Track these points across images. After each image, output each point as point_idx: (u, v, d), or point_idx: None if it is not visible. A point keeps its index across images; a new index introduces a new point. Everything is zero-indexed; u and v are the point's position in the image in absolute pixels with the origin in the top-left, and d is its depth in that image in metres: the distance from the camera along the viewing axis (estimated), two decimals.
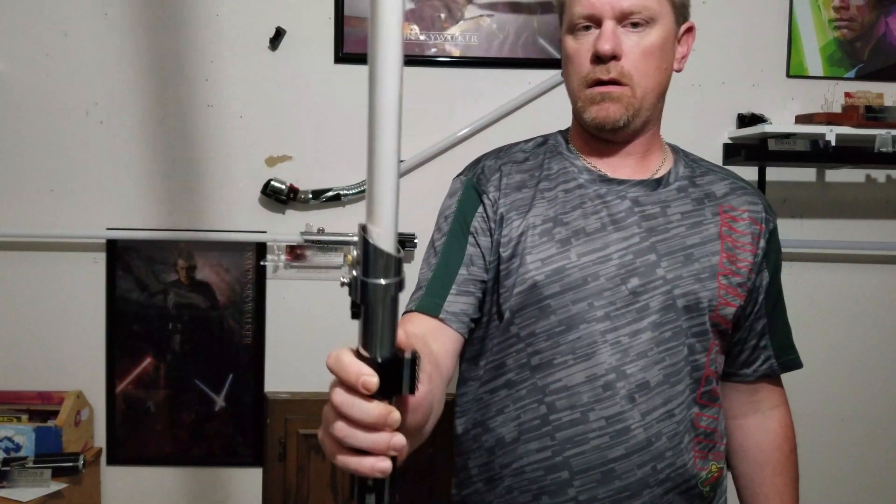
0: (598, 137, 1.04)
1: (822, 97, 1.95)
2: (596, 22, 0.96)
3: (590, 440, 0.96)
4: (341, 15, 1.88)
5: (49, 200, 1.87)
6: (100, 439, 1.89)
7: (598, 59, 0.96)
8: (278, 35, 1.86)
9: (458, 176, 1.09)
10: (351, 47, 1.89)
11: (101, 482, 1.88)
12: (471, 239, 1.01)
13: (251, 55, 1.88)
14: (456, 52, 1.91)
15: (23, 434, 1.73)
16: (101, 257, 1.88)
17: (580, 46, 0.98)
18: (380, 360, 0.50)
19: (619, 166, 1.04)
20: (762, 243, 1.05)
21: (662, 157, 1.07)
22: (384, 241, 0.52)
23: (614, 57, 0.95)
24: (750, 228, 1.04)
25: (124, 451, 1.89)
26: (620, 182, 1.02)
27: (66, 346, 1.88)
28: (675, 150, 1.11)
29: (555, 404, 0.96)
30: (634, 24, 0.96)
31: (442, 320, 0.96)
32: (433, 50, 1.91)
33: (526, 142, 1.11)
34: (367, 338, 0.51)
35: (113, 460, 1.89)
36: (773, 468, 1.11)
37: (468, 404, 1.07)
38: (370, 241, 0.51)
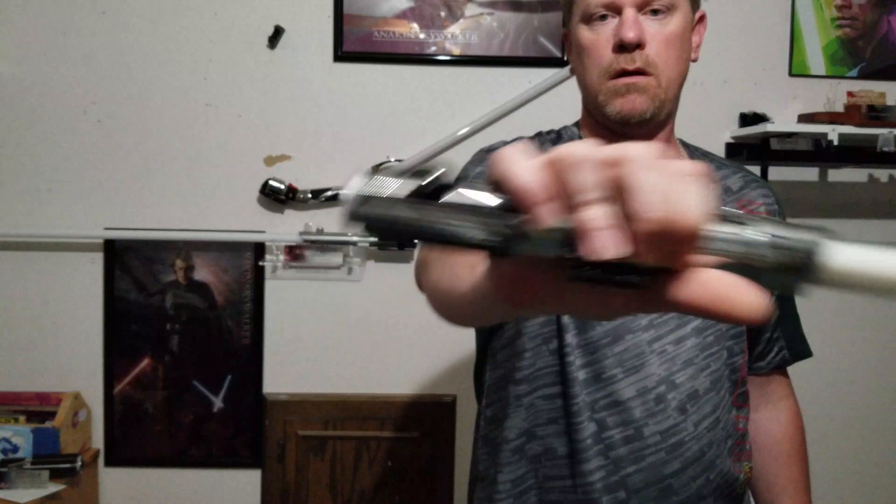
0: (618, 132, 0.98)
1: (824, 96, 1.94)
2: (615, 10, 0.92)
3: (646, 457, 0.92)
4: (340, 13, 1.87)
5: (46, 200, 1.86)
6: (98, 440, 1.88)
7: (622, 48, 0.91)
8: (277, 34, 1.85)
9: (487, 146, 1.02)
10: (350, 46, 1.88)
11: (98, 483, 1.88)
12: None
13: (250, 54, 1.87)
14: (456, 51, 1.90)
15: (20, 435, 1.72)
16: (99, 257, 1.87)
17: (598, 36, 0.93)
18: None
19: None
20: None
21: (678, 152, 1.04)
22: None
23: (639, 46, 0.91)
24: None
25: (122, 452, 1.89)
26: None
27: (63, 346, 1.88)
28: (685, 144, 1.09)
29: (605, 421, 0.92)
30: (654, 11, 0.92)
31: None
32: (433, 49, 1.89)
33: (538, 136, 1.05)
34: None
35: (111, 461, 1.88)
36: (787, 459, 1.10)
37: (511, 405, 0.98)
38: None
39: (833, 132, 1.77)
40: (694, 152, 1.08)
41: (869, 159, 1.85)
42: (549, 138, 1.04)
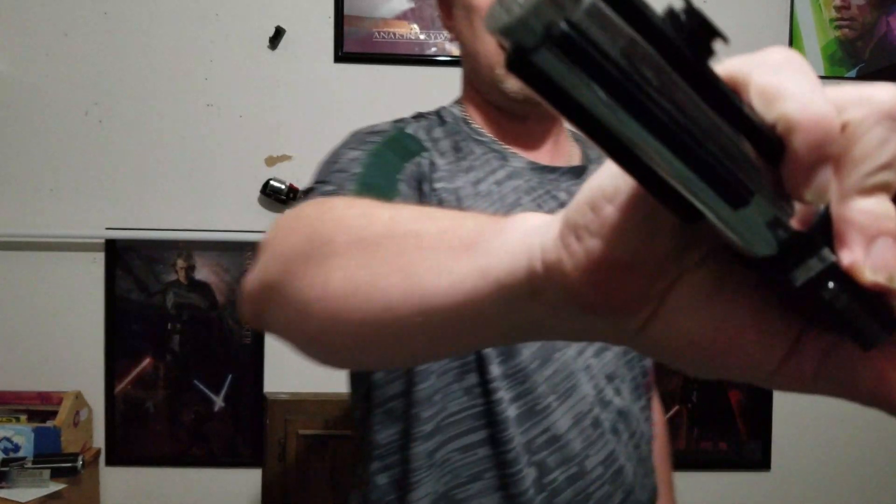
0: (513, 114, 0.84)
1: None
2: None
3: (592, 494, 0.78)
4: (341, 14, 1.87)
5: (48, 200, 1.87)
6: (99, 440, 1.89)
7: None
8: (278, 34, 1.86)
9: (368, 126, 0.84)
10: (351, 47, 1.88)
11: (100, 483, 1.88)
12: (403, 184, 0.74)
13: (251, 54, 1.88)
14: (456, 52, 1.90)
15: (22, 434, 1.72)
16: (101, 257, 1.87)
17: None
18: None
19: (540, 151, 0.86)
20: None
21: (568, 142, 0.92)
22: None
23: None
24: None
25: (123, 451, 1.89)
26: (553, 170, 0.84)
27: (64, 346, 1.88)
28: (575, 135, 0.97)
29: (546, 462, 0.76)
30: None
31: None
32: (433, 49, 1.90)
33: (416, 119, 0.87)
34: None
35: (112, 461, 1.89)
36: (661, 460, 1.01)
37: (417, 468, 0.76)
38: None
39: None
40: (576, 136, 0.96)
41: None
42: (433, 121, 0.87)
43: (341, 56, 1.89)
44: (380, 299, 0.35)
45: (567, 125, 0.92)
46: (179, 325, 1.89)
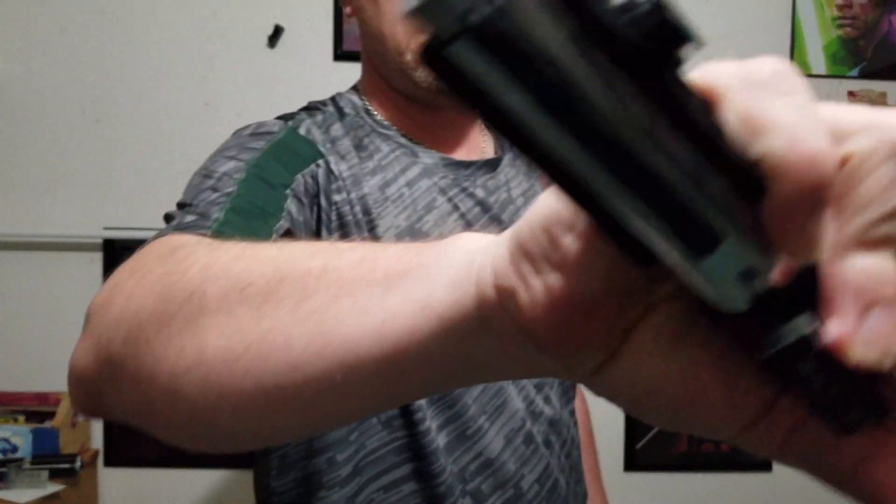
0: (421, 106, 0.76)
1: (825, 96, 1.94)
2: None
3: None
4: (340, 12, 1.86)
5: (45, 200, 1.86)
6: (97, 441, 1.88)
7: None
8: (277, 33, 1.85)
9: (254, 125, 0.71)
10: (350, 45, 1.87)
11: (98, 484, 1.87)
12: (293, 201, 0.62)
13: (249, 53, 1.87)
14: None
15: (19, 435, 1.72)
16: (98, 257, 1.86)
17: None
18: None
19: (449, 142, 0.78)
20: None
21: (480, 127, 0.84)
22: None
23: None
24: None
25: (121, 452, 1.88)
26: (466, 165, 0.77)
27: (62, 346, 1.86)
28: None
29: (481, 490, 0.70)
30: None
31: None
32: None
33: (309, 113, 0.76)
34: None
35: (110, 462, 1.88)
36: (587, 448, 0.96)
37: None
38: None
39: None
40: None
41: None
42: (329, 114, 0.76)
43: (341, 54, 1.88)
44: (281, 358, 0.27)
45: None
46: None
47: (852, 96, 1.90)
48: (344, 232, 0.66)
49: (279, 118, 0.74)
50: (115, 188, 1.86)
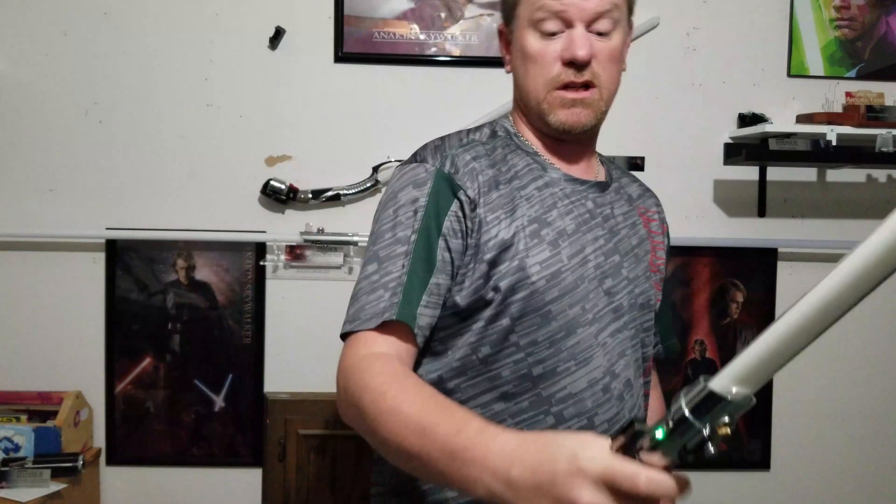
0: (553, 137, 1.01)
1: (822, 97, 1.95)
2: (565, 22, 0.93)
3: None
4: (341, 14, 1.87)
5: (48, 200, 1.87)
6: (99, 440, 1.89)
7: (572, 63, 0.94)
8: (278, 34, 1.86)
9: (417, 162, 0.97)
10: (350, 47, 1.88)
11: (100, 483, 1.88)
12: (442, 242, 0.91)
13: (251, 54, 1.88)
14: (456, 52, 1.91)
15: (22, 434, 1.73)
16: (101, 257, 1.87)
17: (547, 48, 0.94)
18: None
19: (574, 166, 1.02)
20: (667, 242, 1.15)
21: (596, 158, 1.09)
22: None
23: (588, 62, 0.94)
24: (660, 228, 1.13)
25: (123, 451, 1.89)
26: (582, 182, 1.01)
27: (65, 346, 1.88)
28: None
29: (562, 413, 0.93)
30: (599, 34, 0.94)
31: (414, 336, 0.88)
32: (433, 49, 1.90)
33: (473, 132, 1.03)
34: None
35: (112, 461, 1.89)
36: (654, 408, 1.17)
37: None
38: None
39: (832, 133, 1.78)
40: (604, 159, 1.12)
41: (867, 159, 1.85)
42: (480, 144, 1.00)
43: (341, 56, 1.89)
44: (403, 452, 0.73)
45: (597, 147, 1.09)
46: (180, 325, 1.89)
47: (850, 97, 1.91)
48: (492, 221, 0.93)
49: (434, 149, 0.98)
50: (117, 189, 1.87)
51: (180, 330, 1.89)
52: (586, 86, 0.95)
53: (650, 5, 1.92)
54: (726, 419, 0.51)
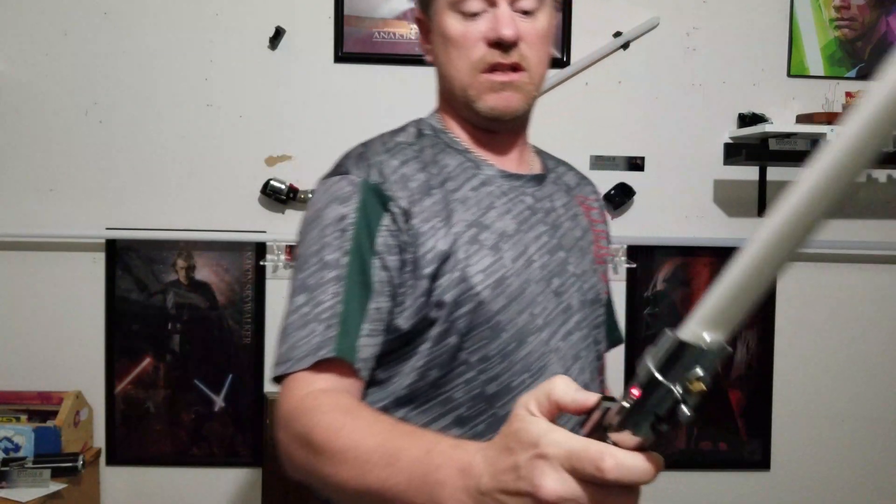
0: (483, 128, 0.94)
1: (822, 97, 1.95)
2: (488, 1, 0.87)
3: None
4: (341, 14, 1.87)
5: (48, 200, 1.87)
6: (99, 439, 1.89)
7: (499, 44, 0.86)
8: (278, 34, 1.86)
9: (339, 175, 0.89)
10: (350, 47, 1.88)
11: (100, 482, 1.88)
12: (377, 262, 0.83)
13: (251, 54, 1.88)
14: None
15: (22, 434, 1.73)
16: (101, 257, 1.87)
17: (469, 29, 0.87)
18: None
19: (507, 159, 0.96)
20: (607, 228, 1.08)
21: (529, 149, 1.03)
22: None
23: (514, 42, 0.87)
24: (601, 216, 1.07)
25: (123, 451, 1.89)
26: (518, 177, 0.94)
27: (65, 346, 1.88)
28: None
29: None
30: (525, 11, 0.88)
31: (357, 370, 0.79)
32: None
33: (397, 133, 0.96)
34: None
35: (112, 460, 1.89)
36: None
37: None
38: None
39: (832, 133, 1.78)
40: (536, 149, 1.06)
41: None
42: (406, 146, 0.93)
43: (341, 56, 1.89)
44: (357, 488, 0.64)
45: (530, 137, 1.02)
46: (180, 325, 1.89)
47: (850, 97, 1.91)
48: (428, 231, 0.85)
49: (358, 157, 0.90)
50: (117, 189, 1.87)
51: (180, 330, 1.89)
52: (514, 68, 0.88)
53: (650, 5, 1.92)
54: (699, 372, 0.43)
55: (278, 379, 0.81)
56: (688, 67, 1.95)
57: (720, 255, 1.96)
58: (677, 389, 0.44)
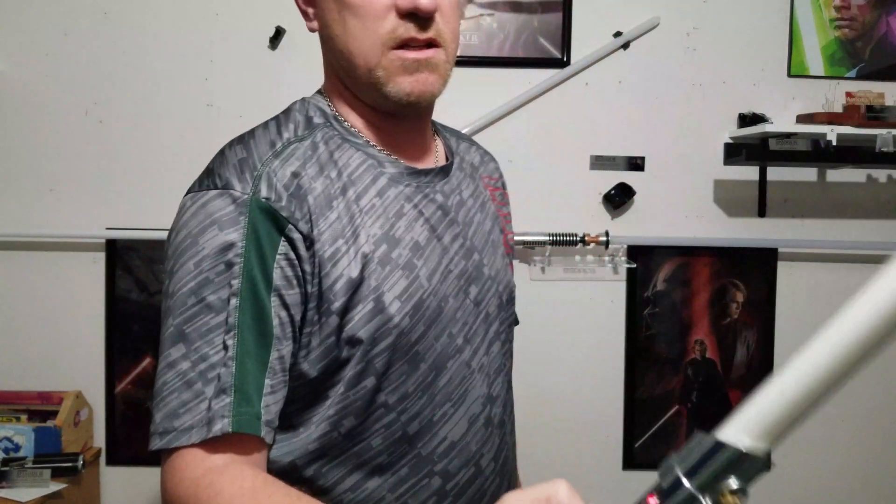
0: (386, 115, 0.80)
1: (823, 97, 1.95)
2: None
3: (488, 491, 0.80)
4: None
5: (48, 200, 1.87)
6: (99, 439, 1.89)
7: (413, 16, 0.72)
8: (278, 34, 1.86)
9: (218, 189, 0.72)
10: None
11: (100, 482, 1.88)
12: (276, 300, 0.69)
13: (251, 54, 1.88)
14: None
15: (22, 434, 1.73)
16: (101, 257, 1.87)
17: None
18: None
19: (412, 151, 0.82)
20: (509, 209, 0.97)
21: (432, 133, 0.90)
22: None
23: (432, 15, 0.73)
24: (502, 197, 0.96)
25: (124, 451, 1.89)
26: (426, 173, 0.81)
27: (65, 346, 1.88)
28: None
29: (447, 470, 0.76)
30: None
31: (262, 438, 0.67)
32: None
33: (283, 125, 0.82)
34: None
35: (112, 460, 1.89)
36: None
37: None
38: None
39: (832, 133, 1.78)
40: (438, 129, 0.94)
41: (868, 159, 1.85)
42: (301, 127, 0.81)
43: None
44: None
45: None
46: None
47: (850, 97, 1.91)
48: (333, 256, 0.72)
49: (240, 164, 0.74)
50: (117, 189, 1.87)
51: None
52: (429, 44, 0.74)
53: (650, 5, 1.92)
54: (733, 484, 0.36)
55: (158, 451, 0.67)
56: (688, 67, 1.95)
57: (720, 255, 1.96)
58: (706, 501, 0.36)
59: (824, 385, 0.33)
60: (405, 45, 0.73)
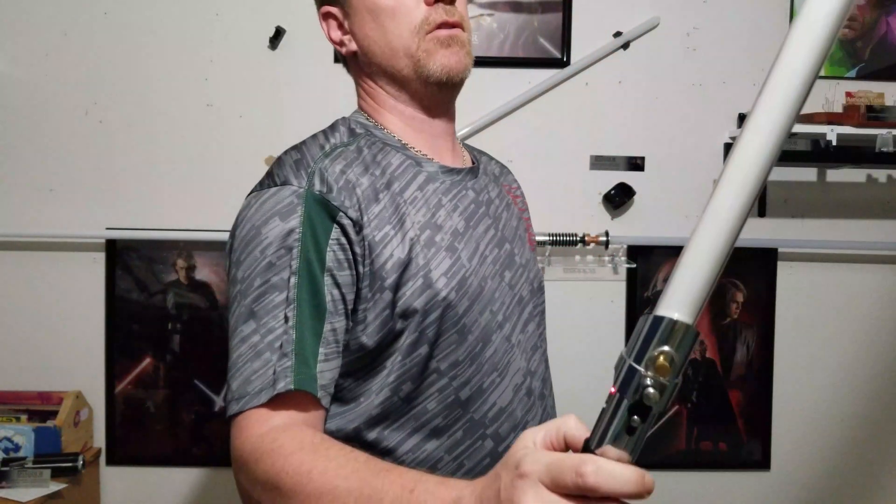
0: (419, 115, 0.92)
1: (822, 97, 1.95)
2: None
3: None
4: None
5: (48, 200, 1.87)
6: (99, 439, 1.89)
7: (437, 3, 0.86)
8: (278, 34, 1.86)
9: (277, 185, 0.82)
10: None
11: (100, 482, 1.88)
12: (328, 279, 0.78)
13: (251, 54, 1.88)
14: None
15: (22, 434, 1.73)
16: (101, 257, 1.87)
17: None
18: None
19: (444, 152, 0.94)
20: (529, 214, 1.11)
21: (458, 140, 1.02)
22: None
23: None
24: (523, 204, 1.09)
25: (124, 451, 1.89)
26: (458, 172, 0.92)
27: (65, 346, 1.88)
28: None
29: (498, 433, 0.85)
30: None
31: (318, 400, 0.75)
32: None
33: (330, 134, 0.92)
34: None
35: (112, 460, 1.89)
36: None
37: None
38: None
39: (832, 132, 1.78)
40: (461, 142, 1.04)
41: (867, 159, 1.85)
42: (343, 147, 0.88)
43: None
44: None
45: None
46: (180, 325, 1.89)
47: (850, 97, 1.91)
48: (383, 240, 0.81)
49: (295, 164, 0.84)
50: (117, 189, 1.87)
51: (180, 330, 1.89)
52: (455, 26, 0.87)
53: (650, 5, 1.92)
54: (665, 347, 0.41)
55: (232, 416, 0.74)
56: (688, 67, 1.95)
57: None
58: (642, 370, 0.42)
59: (725, 257, 0.45)
60: (439, 27, 0.86)
